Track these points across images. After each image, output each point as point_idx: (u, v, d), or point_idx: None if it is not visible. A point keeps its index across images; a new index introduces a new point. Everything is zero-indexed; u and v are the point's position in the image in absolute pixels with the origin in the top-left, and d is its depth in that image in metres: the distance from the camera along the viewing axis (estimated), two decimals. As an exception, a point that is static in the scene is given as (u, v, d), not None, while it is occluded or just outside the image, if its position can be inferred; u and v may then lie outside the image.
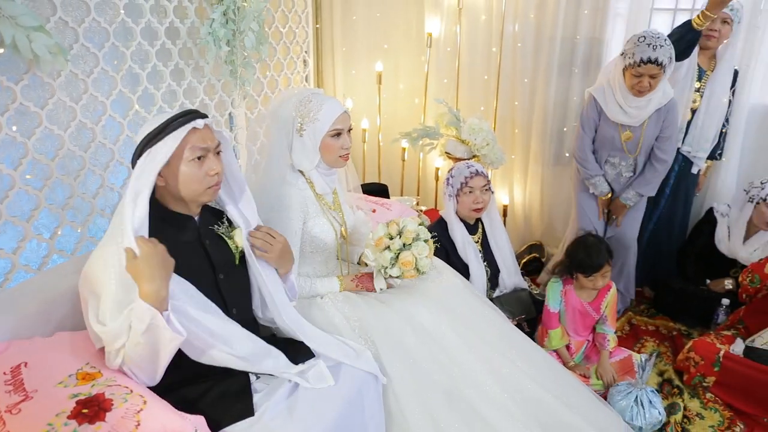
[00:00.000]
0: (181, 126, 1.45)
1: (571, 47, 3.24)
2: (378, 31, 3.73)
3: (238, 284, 1.66)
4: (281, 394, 1.54)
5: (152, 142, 1.44)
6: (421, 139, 3.10)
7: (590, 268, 2.35)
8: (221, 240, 1.63)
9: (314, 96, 1.93)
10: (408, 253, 1.95)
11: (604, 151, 2.75)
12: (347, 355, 1.70)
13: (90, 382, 1.38)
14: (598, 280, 2.38)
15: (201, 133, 1.49)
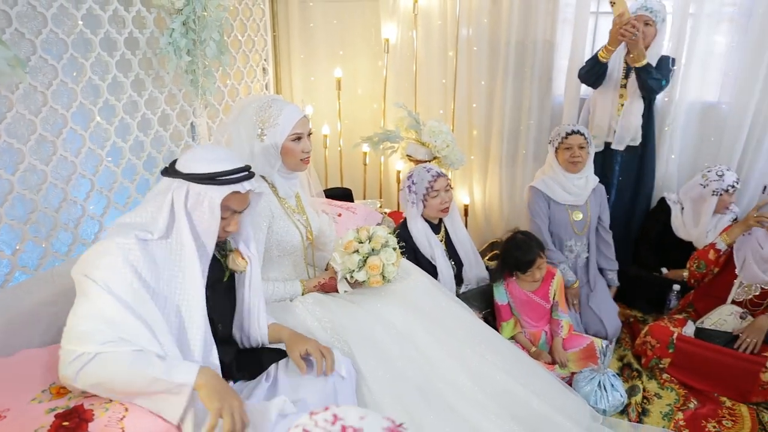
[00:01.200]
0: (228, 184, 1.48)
1: (523, 50, 3.36)
2: (335, 37, 3.78)
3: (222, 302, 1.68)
4: (258, 396, 1.58)
5: (199, 181, 1.46)
6: (382, 143, 3.16)
7: (524, 265, 2.48)
8: (214, 259, 1.63)
9: (274, 102, 1.96)
10: (376, 257, 2.00)
11: (562, 237, 2.89)
12: None
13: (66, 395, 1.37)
14: (536, 272, 2.49)
15: (240, 198, 1.54)
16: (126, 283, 1.38)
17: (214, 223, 1.47)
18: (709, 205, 2.93)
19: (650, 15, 2.79)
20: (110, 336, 1.32)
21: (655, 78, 2.80)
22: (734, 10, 3.09)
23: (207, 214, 1.46)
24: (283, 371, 1.68)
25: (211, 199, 1.45)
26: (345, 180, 3.89)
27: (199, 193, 1.46)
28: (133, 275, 1.39)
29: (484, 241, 3.66)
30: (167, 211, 1.46)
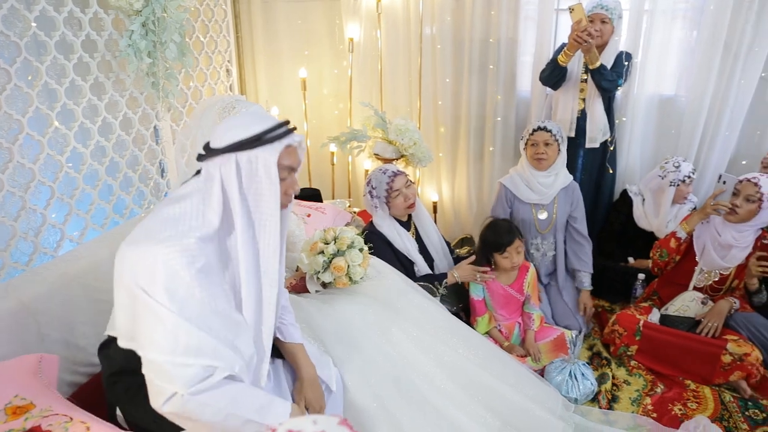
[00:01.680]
0: (278, 139, 1.35)
1: (487, 48, 3.40)
2: (300, 38, 3.76)
3: None
4: None
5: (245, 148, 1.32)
6: (349, 142, 3.15)
7: (503, 244, 2.50)
8: None
9: (237, 102, 1.96)
10: (341, 258, 2.01)
11: (526, 235, 2.92)
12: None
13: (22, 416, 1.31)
14: (513, 255, 2.51)
15: (294, 152, 1.42)
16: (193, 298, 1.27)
17: (274, 189, 1.32)
18: (667, 196, 3.02)
19: (606, 13, 2.86)
20: (196, 370, 1.25)
21: (609, 79, 2.88)
22: (687, 7, 3.19)
23: (265, 180, 1.31)
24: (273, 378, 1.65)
25: (265, 162, 1.31)
26: (313, 180, 3.88)
27: (250, 160, 1.31)
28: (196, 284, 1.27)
29: (454, 237, 3.69)
30: (218, 200, 1.32)
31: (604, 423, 2.20)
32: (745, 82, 3.08)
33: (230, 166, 1.31)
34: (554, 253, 2.96)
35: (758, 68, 3.05)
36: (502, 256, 2.53)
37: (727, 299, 2.58)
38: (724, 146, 3.23)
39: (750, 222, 2.52)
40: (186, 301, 1.26)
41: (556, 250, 2.95)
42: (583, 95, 3.02)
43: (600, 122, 3.01)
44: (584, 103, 3.02)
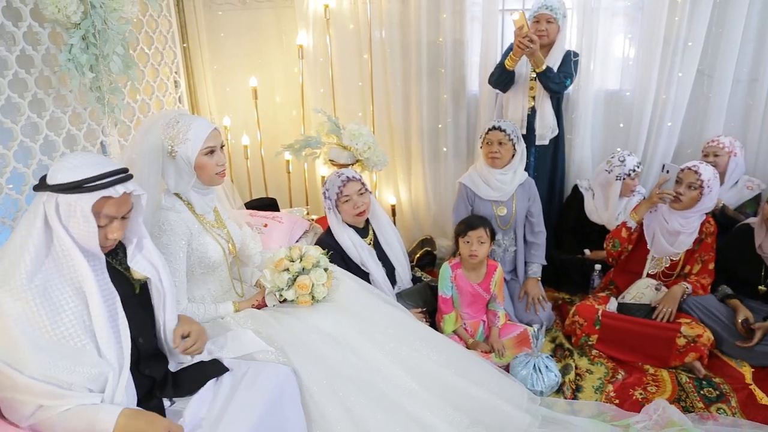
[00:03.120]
0: (95, 190, 1.40)
1: (435, 50, 3.44)
2: (248, 46, 3.72)
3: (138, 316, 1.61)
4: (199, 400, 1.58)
5: (65, 191, 1.39)
6: (303, 149, 3.13)
7: (466, 228, 2.55)
8: (118, 272, 1.57)
9: (181, 117, 1.93)
10: (306, 277, 2.01)
11: None
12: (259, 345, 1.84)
13: None
14: (474, 243, 2.54)
15: (115, 202, 1.45)
16: (37, 331, 1.36)
17: (91, 231, 1.40)
18: (615, 190, 3.11)
19: (551, 13, 2.94)
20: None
21: (556, 81, 2.95)
22: (627, 5, 3.32)
23: (82, 223, 1.39)
24: (227, 384, 1.65)
25: (82, 208, 1.38)
26: (270, 190, 3.83)
27: (69, 203, 1.38)
28: (29, 324, 1.35)
29: (414, 239, 3.71)
30: (41, 226, 1.39)
31: (569, 413, 2.24)
32: (683, 75, 3.21)
33: (51, 204, 1.39)
34: (515, 248, 3.00)
35: (695, 62, 3.18)
36: (464, 240, 2.56)
37: (679, 284, 2.67)
38: (669, 137, 3.35)
39: (694, 208, 2.62)
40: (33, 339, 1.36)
41: (517, 246, 2.99)
42: (532, 93, 3.09)
43: (549, 120, 3.08)
44: (534, 101, 3.09)
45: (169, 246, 1.89)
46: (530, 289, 2.90)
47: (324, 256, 2.11)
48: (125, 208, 1.49)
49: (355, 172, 2.63)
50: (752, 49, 3.17)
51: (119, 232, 1.48)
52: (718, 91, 3.22)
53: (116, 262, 1.58)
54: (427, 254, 3.51)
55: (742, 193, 3.14)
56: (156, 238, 1.88)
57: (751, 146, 3.28)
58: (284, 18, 3.61)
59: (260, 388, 1.65)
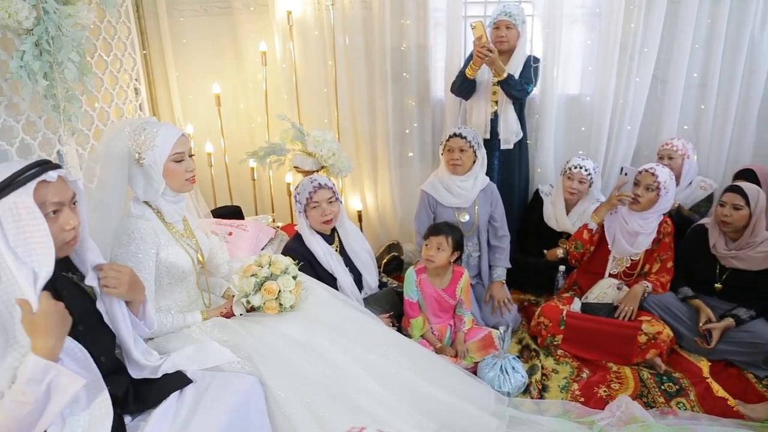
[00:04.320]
0: (29, 180, 1.35)
1: (400, 56, 3.46)
2: (211, 53, 3.68)
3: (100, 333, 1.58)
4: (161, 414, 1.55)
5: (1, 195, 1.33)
6: (268, 156, 3.11)
7: (429, 233, 2.58)
8: (77, 288, 1.53)
9: (147, 124, 1.90)
10: (273, 282, 1.99)
11: None
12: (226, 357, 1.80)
13: None
14: (433, 247, 2.55)
15: (54, 186, 1.39)
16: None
17: (42, 227, 1.33)
18: (559, 189, 3.17)
19: (510, 19, 3.00)
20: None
21: (518, 89, 3.01)
22: (585, 12, 3.41)
23: (31, 221, 1.31)
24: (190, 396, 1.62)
25: (24, 202, 1.31)
26: (235, 197, 3.79)
27: (10, 206, 1.31)
28: None
29: (381, 244, 3.72)
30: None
31: (536, 413, 2.27)
32: (640, 79, 3.31)
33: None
34: (479, 254, 3.02)
35: (650, 67, 3.28)
36: (425, 244, 2.59)
37: (640, 283, 2.74)
38: (628, 140, 3.45)
39: (652, 209, 2.70)
40: None
41: (481, 251, 3.02)
42: (495, 98, 3.13)
43: (513, 124, 3.13)
44: (497, 105, 3.13)
45: (139, 254, 1.85)
46: (496, 293, 2.93)
47: (293, 264, 2.10)
48: (68, 193, 1.43)
49: (329, 180, 2.62)
50: (702, 55, 3.29)
51: (73, 219, 1.43)
52: (672, 95, 3.33)
53: (77, 277, 1.54)
54: (395, 259, 3.52)
55: (696, 193, 3.24)
56: (125, 246, 1.85)
57: (703, 148, 3.40)
58: (248, 24, 3.58)
59: (225, 399, 1.63)
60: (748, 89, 3.29)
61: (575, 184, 3.08)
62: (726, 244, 2.68)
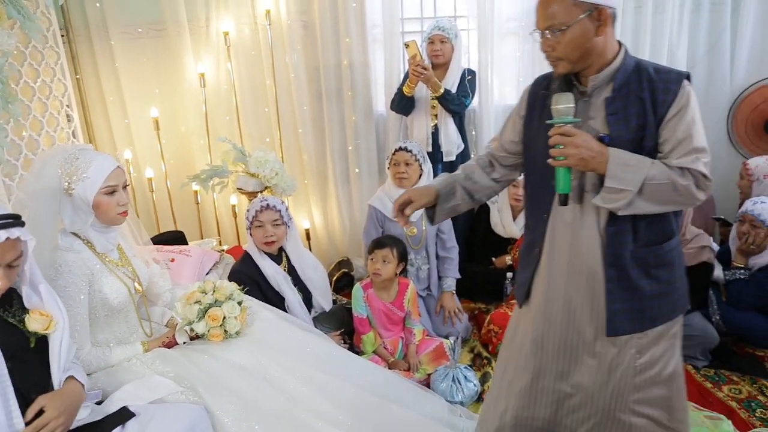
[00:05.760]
0: None
1: (340, 73, 3.48)
2: (148, 76, 3.60)
3: (34, 371, 1.50)
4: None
5: None
6: (210, 179, 3.06)
7: (374, 247, 2.60)
8: (9, 325, 1.45)
9: (81, 153, 1.83)
10: (218, 309, 1.95)
11: None
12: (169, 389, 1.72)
13: None
14: (379, 261, 2.58)
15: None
16: None
17: None
18: (505, 196, 3.23)
19: (443, 33, 3.07)
20: None
21: (456, 103, 3.07)
22: (517, 25, 3.52)
23: None
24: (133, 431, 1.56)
25: None
26: (179, 222, 3.69)
27: None
28: None
29: (331, 261, 3.70)
30: None
31: (490, 421, 2.28)
32: (572, 88, 3.42)
33: None
34: (429, 266, 3.04)
35: (582, 75, 3.40)
36: (370, 258, 2.60)
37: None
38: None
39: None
40: None
41: (430, 264, 3.04)
42: (434, 112, 3.19)
43: (453, 137, 3.19)
44: (437, 119, 3.19)
45: (68, 288, 1.77)
46: (446, 303, 2.95)
47: (238, 290, 2.07)
48: (11, 254, 1.38)
49: (280, 203, 2.58)
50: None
51: (3, 281, 1.38)
52: (605, 102, 3.46)
53: (8, 314, 1.47)
54: (345, 275, 3.50)
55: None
56: (52, 281, 1.76)
57: (637, 152, 3.53)
58: (184, 46, 3.52)
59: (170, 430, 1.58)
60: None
61: (520, 191, 3.14)
62: (661, 243, 2.78)
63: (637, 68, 1.44)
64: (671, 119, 1.39)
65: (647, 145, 1.41)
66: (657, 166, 1.38)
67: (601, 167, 1.38)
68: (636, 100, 1.41)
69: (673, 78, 1.41)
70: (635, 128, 1.40)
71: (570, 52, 1.41)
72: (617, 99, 1.43)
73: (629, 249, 1.45)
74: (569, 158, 1.38)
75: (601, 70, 1.45)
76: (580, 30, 1.38)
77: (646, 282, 1.47)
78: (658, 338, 1.53)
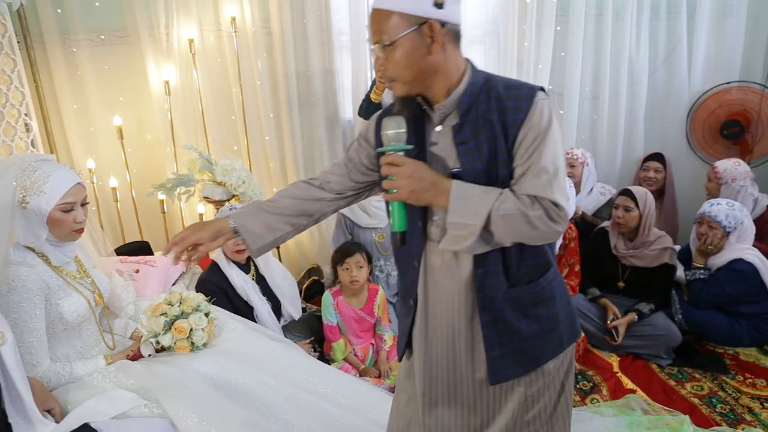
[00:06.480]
0: None
1: (306, 80, 3.48)
2: (111, 83, 3.52)
3: None
4: None
5: None
6: (176, 188, 3.01)
7: (343, 255, 2.58)
8: None
9: (40, 165, 1.77)
10: (184, 321, 1.92)
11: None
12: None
13: None
14: (353, 268, 2.57)
15: None
16: None
17: None
18: None
19: None
20: None
21: None
22: (483, 32, 3.57)
23: None
24: None
25: None
26: (145, 232, 3.62)
27: None
28: None
29: (301, 269, 3.67)
30: None
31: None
32: (537, 94, 3.49)
33: None
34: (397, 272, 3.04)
35: (546, 82, 3.48)
36: (342, 268, 2.58)
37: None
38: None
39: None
40: None
41: None
42: None
43: None
44: None
45: (22, 304, 1.72)
46: None
47: (205, 301, 2.04)
48: None
49: None
50: (591, 70, 3.53)
51: None
52: (569, 107, 3.54)
53: None
54: (315, 283, 3.48)
55: (597, 199, 3.44)
56: (5, 296, 1.71)
57: (600, 156, 3.62)
58: (147, 53, 3.46)
59: None
60: (633, 100, 3.56)
61: None
62: (625, 244, 2.86)
63: (485, 87, 1.27)
64: (523, 141, 1.21)
65: (502, 173, 1.24)
66: (506, 195, 1.20)
67: (439, 201, 1.23)
68: (485, 124, 1.24)
69: (523, 94, 1.23)
70: (487, 156, 1.24)
71: (401, 72, 1.25)
72: (465, 126, 1.26)
73: (502, 290, 1.29)
74: (399, 191, 1.23)
75: (450, 95, 1.28)
76: (410, 47, 1.22)
77: (524, 323, 1.32)
78: (545, 375, 1.37)
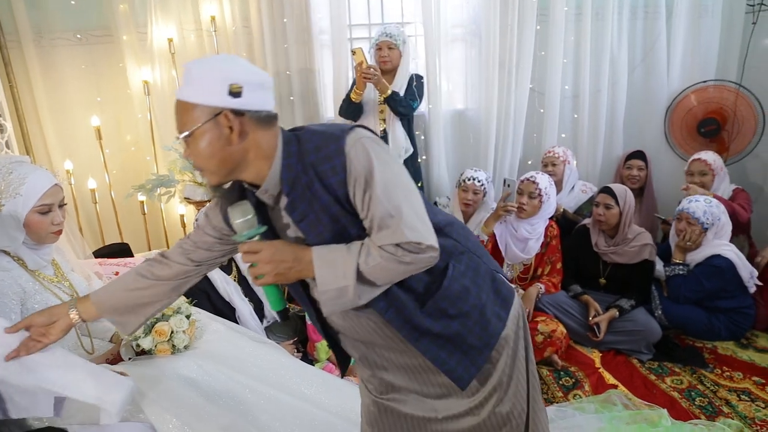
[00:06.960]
0: None
1: (286, 80, 3.46)
2: (88, 83, 3.48)
3: None
4: None
5: None
6: (157, 189, 2.98)
7: None
8: None
9: (16, 166, 1.74)
10: (165, 323, 1.90)
11: None
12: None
13: None
14: None
15: None
16: None
17: None
18: (454, 199, 3.28)
19: (391, 40, 3.11)
20: None
21: (403, 105, 3.10)
22: (464, 31, 3.58)
23: None
24: None
25: None
26: (125, 234, 3.58)
27: None
28: None
29: (285, 270, 3.65)
30: None
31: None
32: (519, 93, 3.51)
33: None
34: None
35: (527, 81, 3.50)
36: None
37: (534, 285, 2.87)
38: (514, 150, 3.64)
39: (537, 215, 2.86)
40: None
41: None
42: (383, 116, 3.21)
43: (401, 140, 3.21)
44: (385, 123, 3.20)
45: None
46: None
47: (186, 303, 2.01)
48: None
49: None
50: (571, 69, 3.55)
51: None
52: (549, 106, 3.56)
53: None
54: (299, 283, 3.46)
55: (579, 197, 3.46)
56: None
57: (581, 154, 3.65)
58: (126, 53, 3.42)
59: None
60: (613, 99, 3.59)
61: (470, 195, 3.17)
62: (605, 242, 2.89)
63: (299, 157, 1.20)
64: (355, 196, 1.18)
65: (353, 232, 1.22)
66: (369, 246, 1.18)
67: (307, 274, 1.21)
68: (313, 195, 1.19)
69: (333, 152, 1.17)
70: (330, 224, 1.20)
71: (204, 162, 1.19)
72: (296, 202, 1.21)
73: (417, 314, 1.28)
74: (265, 276, 1.22)
75: (267, 177, 1.22)
76: (208, 137, 1.16)
77: (455, 324, 1.31)
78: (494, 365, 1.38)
